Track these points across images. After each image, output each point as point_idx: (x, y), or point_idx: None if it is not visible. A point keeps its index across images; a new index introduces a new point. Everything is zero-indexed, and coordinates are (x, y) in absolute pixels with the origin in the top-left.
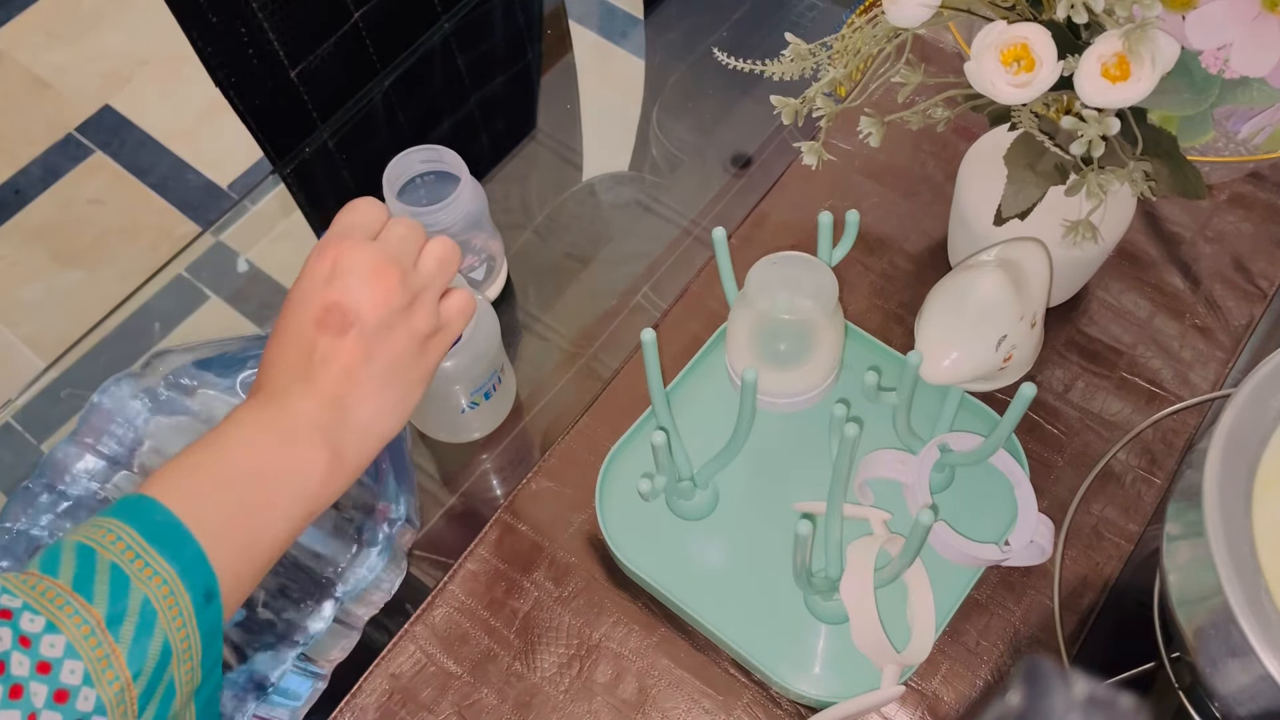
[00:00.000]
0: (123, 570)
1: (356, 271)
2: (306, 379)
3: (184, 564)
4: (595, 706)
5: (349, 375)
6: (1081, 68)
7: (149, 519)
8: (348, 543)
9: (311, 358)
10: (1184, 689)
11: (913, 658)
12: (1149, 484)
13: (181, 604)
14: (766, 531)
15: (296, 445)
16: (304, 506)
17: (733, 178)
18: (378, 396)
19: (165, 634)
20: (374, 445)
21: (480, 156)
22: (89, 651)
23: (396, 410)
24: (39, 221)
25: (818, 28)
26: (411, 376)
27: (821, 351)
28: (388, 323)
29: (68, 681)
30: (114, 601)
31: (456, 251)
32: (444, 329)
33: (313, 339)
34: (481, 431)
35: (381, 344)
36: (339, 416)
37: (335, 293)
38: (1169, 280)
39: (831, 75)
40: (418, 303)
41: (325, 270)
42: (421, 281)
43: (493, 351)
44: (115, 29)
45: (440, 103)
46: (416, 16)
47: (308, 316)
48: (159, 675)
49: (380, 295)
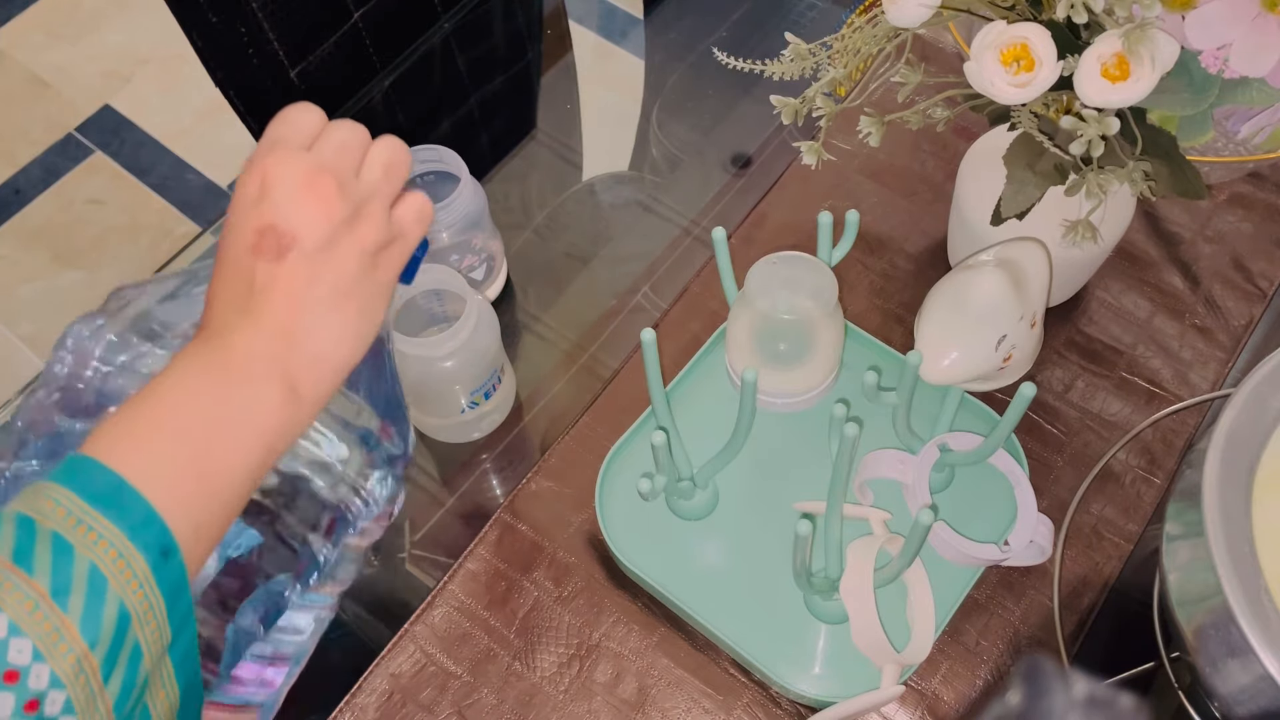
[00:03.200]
0: (65, 539)
1: (287, 187)
2: (247, 311)
3: (132, 524)
4: (595, 706)
5: (294, 302)
6: (1081, 68)
7: (90, 481)
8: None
9: (251, 288)
10: (1184, 689)
11: (913, 658)
12: (1149, 484)
13: (135, 566)
14: (766, 531)
15: (245, 383)
16: (262, 447)
17: (733, 178)
18: (329, 322)
19: (120, 599)
20: (332, 374)
21: (480, 156)
22: (35, 627)
23: (354, 334)
24: (39, 221)
25: (818, 28)
26: (365, 296)
27: (821, 351)
28: (330, 240)
29: (16, 661)
30: (57, 572)
31: (406, 154)
32: (398, 239)
33: (250, 267)
34: (481, 432)
35: (326, 264)
36: (288, 347)
37: (267, 214)
38: (1169, 280)
39: (831, 75)
40: (363, 214)
41: (254, 190)
42: (365, 190)
43: (492, 351)
44: (115, 29)
45: (440, 103)
46: (416, 16)
47: (242, 244)
48: (120, 640)
49: (317, 210)
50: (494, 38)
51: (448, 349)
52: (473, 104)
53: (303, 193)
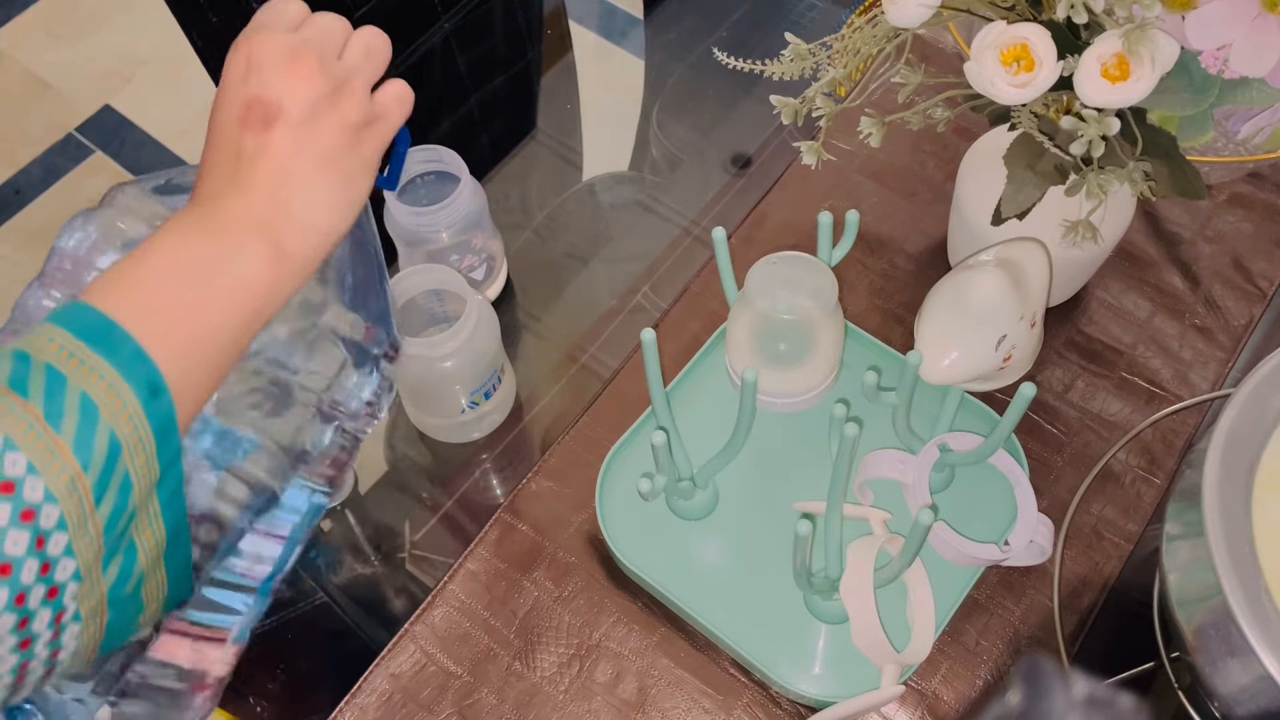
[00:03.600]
0: (58, 369)
1: (272, 62)
2: (236, 179)
3: (122, 360)
4: (595, 706)
5: (279, 169)
6: (1081, 68)
7: (82, 321)
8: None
9: (239, 158)
10: (1184, 689)
11: (913, 658)
12: (1149, 484)
13: (125, 398)
14: (766, 531)
15: (233, 242)
16: (249, 302)
17: (733, 178)
18: (314, 188)
19: (111, 429)
20: (318, 240)
21: (480, 156)
22: (30, 445)
23: (337, 202)
24: (39, 221)
25: (818, 28)
26: (348, 167)
27: (821, 351)
28: (313, 112)
29: (11, 473)
30: (50, 398)
31: (385, 41)
32: (379, 119)
33: (238, 139)
34: (481, 432)
35: (309, 135)
36: (275, 211)
37: (253, 88)
38: (1169, 280)
39: (831, 75)
40: (345, 90)
41: (241, 68)
42: (346, 69)
43: (493, 351)
44: (115, 29)
45: (440, 103)
46: (416, 16)
47: (230, 118)
48: (111, 466)
49: (300, 84)
50: (494, 38)
51: (448, 349)
52: (473, 104)
53: (287, 67)
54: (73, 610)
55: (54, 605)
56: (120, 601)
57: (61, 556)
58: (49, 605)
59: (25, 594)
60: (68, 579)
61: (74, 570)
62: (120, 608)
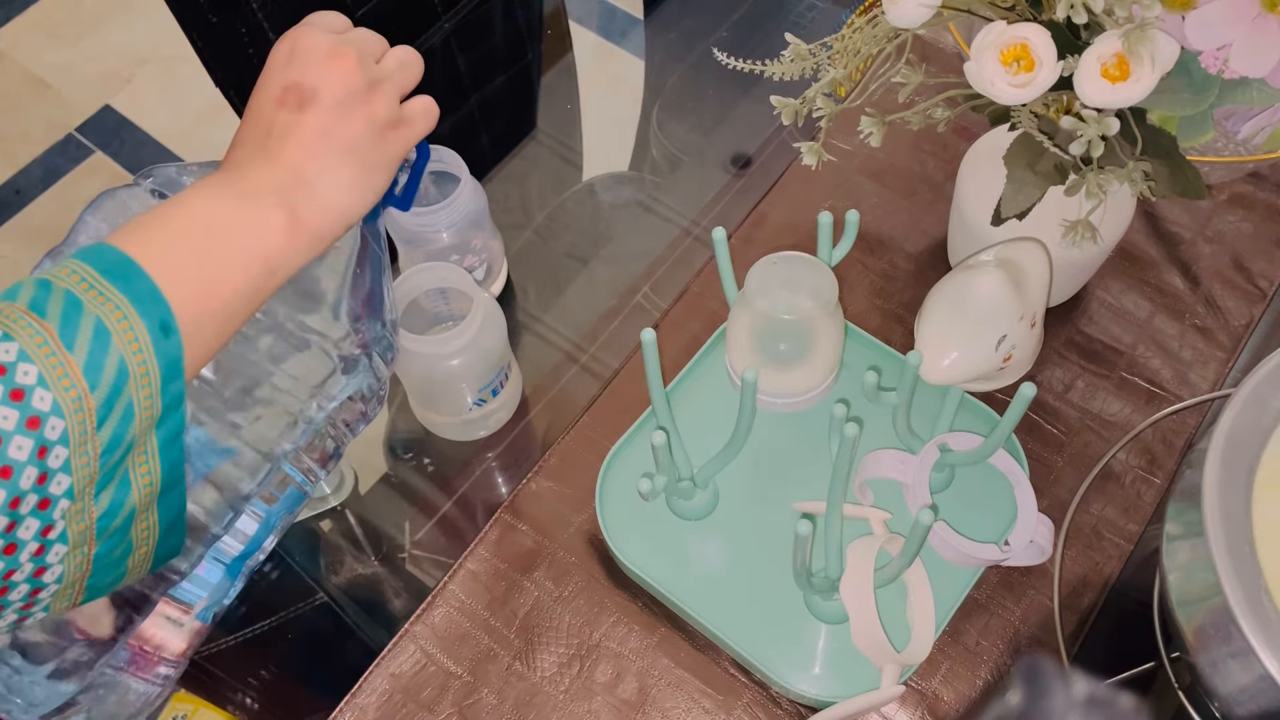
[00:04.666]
0: (76, 296)
1: (315, 53)
2: (264, 150)
3: (137, 294)
4: (595, 706)
5: (306, 148)
6: (1081, 68)
7: (103, 257)
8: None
9: (271, 133)
10: (1184, 689)
11: (913, 658)
12: (1149, 484)
13: (137, 330)
14: (766, 531)
15: (252, 203)
16: (261, 263)
17: (733, 178)
18: (335, 171)
19: (121, 356)
20: (334, 218)
21: (480, 156)
22: (43, 360)
23: (355, 186)
24: (39, 221)
25: (818, 28)
26: (371, 159)
27: (821, 351)
28: (345, 103)
29: (22, 382)
30: (66, 321)
31: (419, 59)
32: (406, 124)
33: (271, 116)
34: (488, 430)
35: (339, 122)
36: (296, 184)
37: (294, 73)
38: (1169, 280)
39: (831, 75)
40: (377, 90)
41: (284, 54)
42: (381, 72)
43: (499, 349)
44: (115, 29)
45: (440, 103)
46: (416, 16)
47: (268, 97)
48: (116, 392)
49: (337, 75)
50: (494, 38)
51: (454, 347)
52: (473, 104)
53: (327, 59)
54: (60, 529)
55: (43, 518)
56: (110, 535)
57: (59, 471)
58: (38, 516)
59: (20, 499)
60: (61, 494)
61: (68, 486)
62: (110, 542)
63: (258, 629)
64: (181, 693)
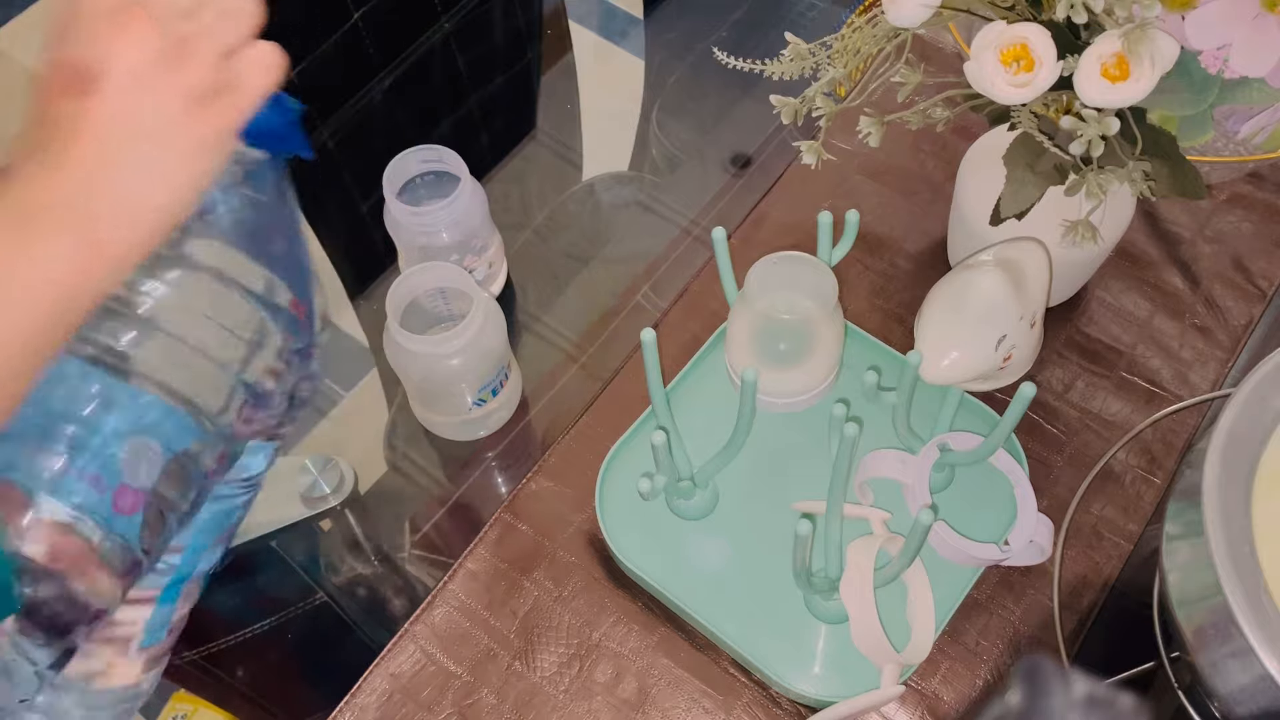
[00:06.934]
0: None
1: (93, 18)
2: (47, 154)
3: None
4: (595, 706)
5: (96, 142)
6: (1081, 68)
7: None
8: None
9: (55, 128)
10: (1184, 689)
11: (913, 657)
12: (1149, 484)
13: None
14: (766, 531)
15: (28, 230)
16: (55, 297)
17: (733, 178)
18: (138, 166)
19: None
20: (148, 218)
21: (480, 156)
22: None
23: (170, 182)
24: None
25: (818, 28)
26: (185, 142)
27: (821, 351)
28: (139, 76)
29: None
30: None
31: (248, 3)
32: (233, 89)
33: (51, 107)
34: (488, 429)
35: (136, 103)
36: (89, 194)
37: (71, 46)
38: (1169, 280)
39: (831, 75)
40: (185, 53)
41: (65, 20)
42: (191, 29)
43: (499, 349)
44: None
45: (440, 103)
46: (416, 16)
47: (44, 82)
48: None
49: (128, 41)
50: (494, 38)
51: (454, 347)
52: (473, 104)
53: (110, 23)
54: None
55: None
56: None
57: None
58: None
59: None
60: None
61: None
62: None
63: (258, 629)
64: (181, 693)
